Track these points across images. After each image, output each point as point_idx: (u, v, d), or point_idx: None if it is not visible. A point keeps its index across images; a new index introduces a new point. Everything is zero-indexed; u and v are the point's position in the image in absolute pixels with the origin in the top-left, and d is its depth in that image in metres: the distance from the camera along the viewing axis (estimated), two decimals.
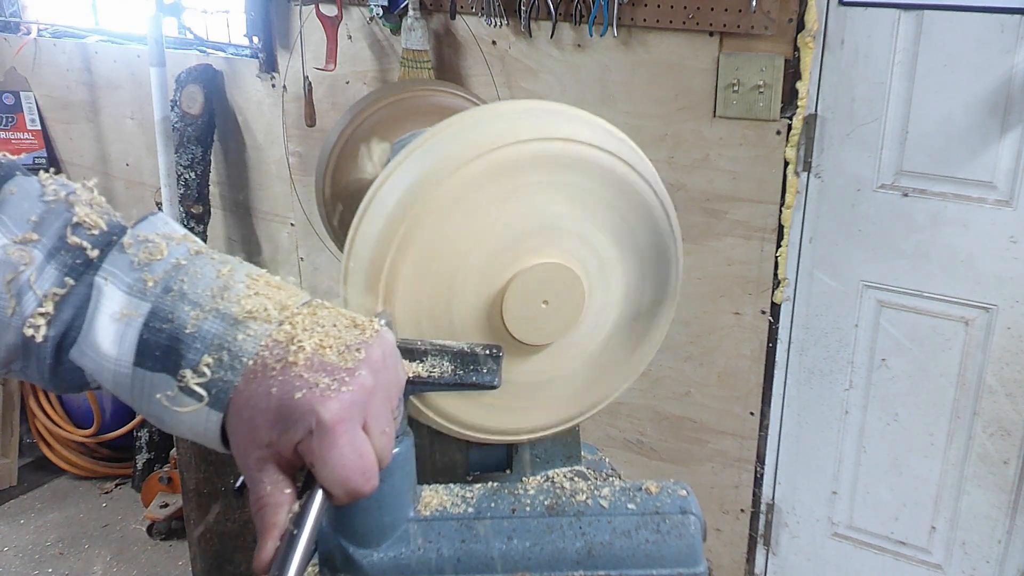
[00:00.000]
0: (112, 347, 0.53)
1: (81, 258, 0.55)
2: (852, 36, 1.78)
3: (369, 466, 0.54)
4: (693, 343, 2.09)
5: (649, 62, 1.95)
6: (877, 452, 2.01)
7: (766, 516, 2.18)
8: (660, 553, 0.71)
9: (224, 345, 0.52)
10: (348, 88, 2.40)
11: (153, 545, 2.75)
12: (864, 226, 1.88)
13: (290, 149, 2.58)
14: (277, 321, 0.54)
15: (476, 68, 2.19)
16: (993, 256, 1.77)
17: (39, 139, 3.15)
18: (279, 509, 0.52)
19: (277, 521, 0.52)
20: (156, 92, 2.47)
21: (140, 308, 0.53)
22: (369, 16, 2.29)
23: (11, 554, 2.71)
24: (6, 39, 3.13)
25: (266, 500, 0.52)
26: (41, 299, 0.53)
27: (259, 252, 2.80)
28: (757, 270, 1.97)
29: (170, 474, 2.75)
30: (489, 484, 0.76)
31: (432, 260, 0.75)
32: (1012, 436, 1.85)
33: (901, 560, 2.06)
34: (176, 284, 0.54)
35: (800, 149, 1.87)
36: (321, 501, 0.53)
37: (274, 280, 0.57)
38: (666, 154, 1.98)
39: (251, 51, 2.55)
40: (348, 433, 0.52)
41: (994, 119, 1.70)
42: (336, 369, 0.53)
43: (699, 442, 2.17)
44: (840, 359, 1.99)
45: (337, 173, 1.36)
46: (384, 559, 0.69)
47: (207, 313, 0.53)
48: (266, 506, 0.52)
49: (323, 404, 0.51)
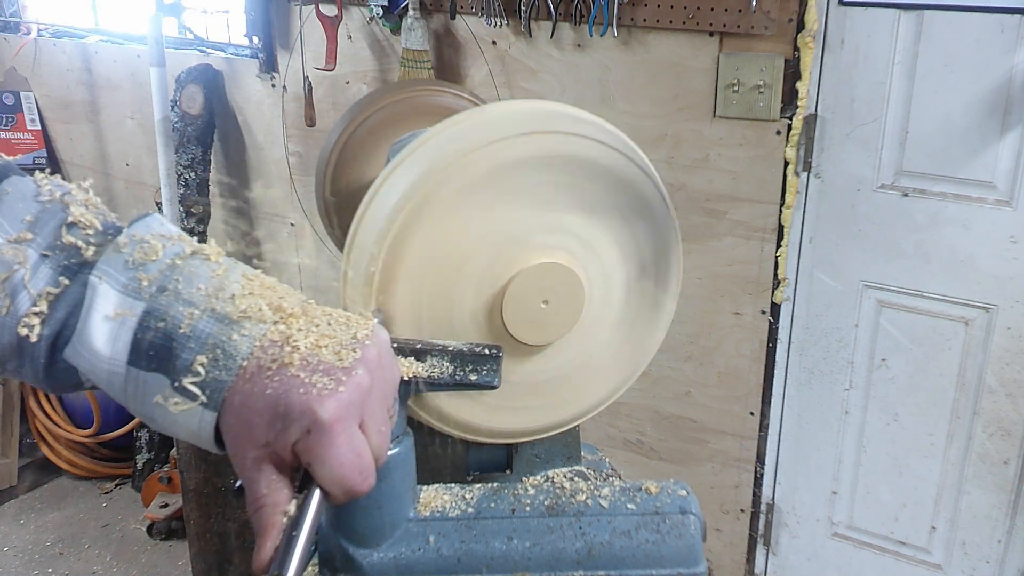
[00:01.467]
0: (106, 346, 0.53)
1: (76, 257, 0.55)
2: (852, 36, 1.78)
3: (366, 465, 0.54)
4: (693, 343, 2.09)
5: (649, 62, 1.95)
6: (877, 452, 2.01)
7: (766, 516, 2.18)
8: (660, 553, 0.71)
9: (219, 344, 0.52)
10: (348, 88, 2.40)
11: (153, 545, 2.75)
12: (864, 226, 1.88)
13: (290, 149, 2.58)
14: (272, 321, 0.54)
15: (476, 68, 2.19)
16: (993, 256, 1.77)
17: (39, 139, 3.15)
18: (277, 509, 0.52)
19: (275, 521, 0.52)
20: (156, 92, 2.47)
21: (135, 307, 0.53)
22: (369, 16, 2.29)
23: (11, 554, 2.71)
24: (6, 39, 3.13)
25: (264, 500, 0.52)
26: (35, 298, 0.53)
27: (259, 252, 2.80)
28: (757, 270, 1.97)
29: (170, 474, 2.75)
30: (489, 484, 0.76)
31: (432, 260, 0.75)
32: (1012, 436, 1.85)
33: (901, 560, 2.06)
34: (171, 284, 0.54)
35: (800, 149, 1.87)
36: (319, 500, 0.53)
37: (268, 281, 0.57)
38: (666, 154, 1.98)
39: (251, 51, 2.55)
40: (345, 432, 0.52)
41: (994, 119, 1.70)
42: (332, 368, 0.53)
43: (699, 442, 2.17)
44: (840, 359, 1.99)
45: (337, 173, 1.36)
46: (384, 559, 0.69)
47: (202, 313, 0.53)
48: (264, 506, 0.52)
49: (320, 404, 0.51)
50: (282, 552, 0.51)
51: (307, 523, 0.52)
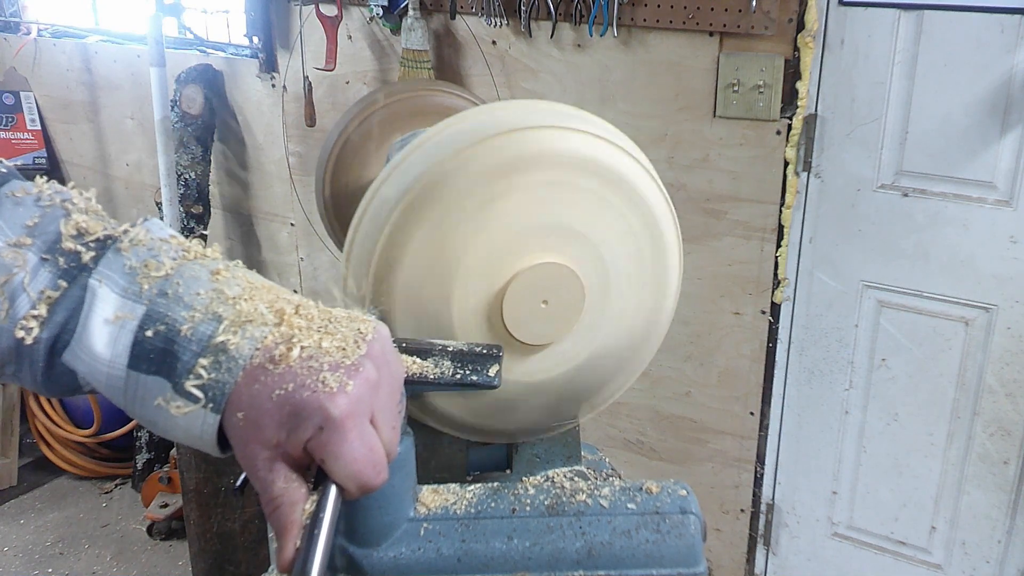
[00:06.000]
0: (106, 349, 0.53)
1: (75, 261, 0.55)
2: (852, 36, 1.78)
3: (379, 459, 0.54)
4: (693, 343, 2.09)
5: (649, 62, 1.95)
6: (877, 452, 2.01)
7: (766, 516, 2.18)
8: (660, 553, 0.71)
9: (220, 347, 0.52)
10: (348, 88, 2.40)
11: (153, 545, 2.75)
12: (864, 226, 1.88)
13: (290, 149, 2.58)
14: (274, 323, 0.54)
15: (476, 68, 2.19)
16: (993, 256, 1.77)
17: (39, 139, 3.15)
18: (295, 507, 0.52)
19: (295, 519, 0.52)
20: (156, 92, 2.47)
21: (135, 311, 0.53)
22: (369, 16, 2.29)
23: (11, 554, 2.71)
24: (6, 39, 3.13)
25: (281, 499, 0.52)
26: (34, 301, 0.53)
27: (259, 252, 2.80)
28: (757, 270, 1.97)
29: (170, 474, 2.75)
30: (489, 484, 0.76)
31: (432, 260, 0.75)
32: (1012, 436, 1.85)
33: (901, 560, 2.06)
34: (171, 287, 0.54)
35: (800, 149, 1.87)
36: (336, 496, 0.53)
37: (268, 283, 0.58)
38: (666, 154, 1.98)
39: (251, 51, 2.55)
40: (357, 428, 0.52)
41: (994, 119, 1.70)
42: (339, 365, 0.53)
43: (699, 442, 2.17)
44: (840, 359, 1.99)
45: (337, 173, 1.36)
46: (384, 559, 0.69)
47: (203, 315, 0.53)
48: (281, 505, 0.52)
49: (332, 400, 0.51)
50: (304, 551, 0.51)
51: (326, 520, 0.52)
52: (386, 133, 1.33)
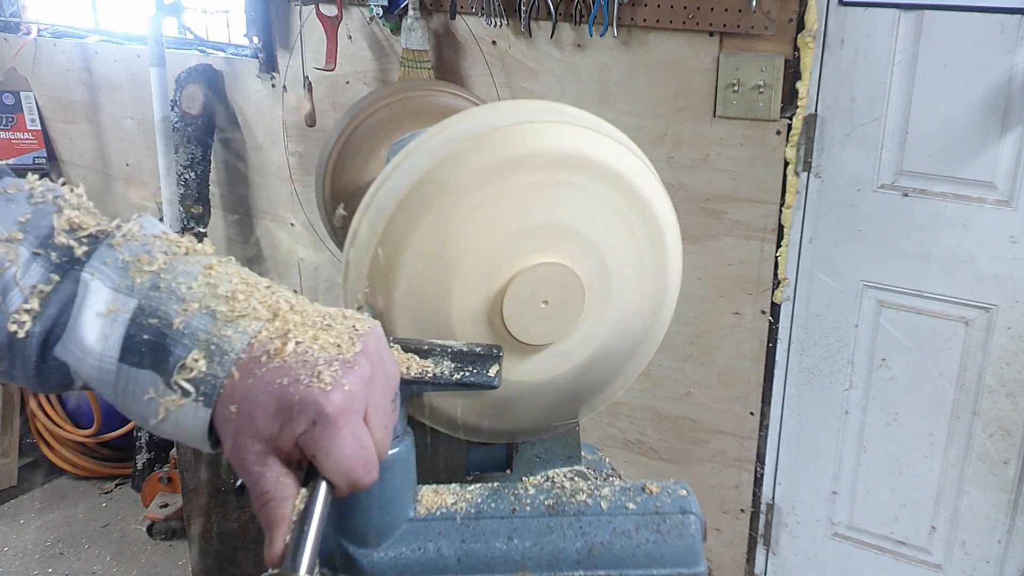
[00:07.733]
0: (97, 343, 0.52)
1: (68, 256, 0.55)
2: (852, 36, 1.78)
3: (370, 457, 0.54)
4: (693, 343, 2.09)
5: (649, 62, 1.95)
6: (877, 452, 2.01)
7: (766, 516, 2.18)
8: (660, 553, 0.71)
9: (213, 341, 0.52)
10: (348, 88, 2.40)
11: (153, 545, 2.75)
12: (864, 226, 1.88)
13: (290, 149, 2.58)
14: (267, 318, 0.54)
15: (476, 68, 2.19)
16: (993, 256, 1.77)
17: (39, 139, 3.15)
18: (285, 502, 0.52)
19: (285, 514, 0.52)
20: (156, 92, 2.47)
21: (127, 304, 0.53)
22: (369, 16, 2.29)
23: (11, 554, 2.71)
24: (6, 39, 3.13)
25: (271, 494, 0.52)
26: (27, 295, 0.53)
27: (259, 252, 2.80)
28: (757, 270, 1.97)
29: (170, 474, 2.75)
30: (489, 484, 0.76)
31: (432, 259, 0.75)
32: (1012, 436, 1.85)
33: (901, 560, 2.06)
34: (163, 281, 0.54)
35: (800, 149, 1.87)
36: (326, 492, 0.53)
37: (262, 280, 0.58)
38: (666, 154, 1.98)
39: (251, 51, 2.55)
40: (350, 425, 0.52)
41: (994, 119, 1.70)
42: (334, 361, 0.53)
43: (699, 442, 2.17)
44: (840, 359, 1.99)
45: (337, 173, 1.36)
46: (384, 559, 0.69)
47: (196, 310, 0.53)
48: (272, 500, 0.52)
49: (326, 396, 0.51)
50: (293, 546, 0.51)
51: (316, 516, 0.52)
52: (386, 133, 1.33)
